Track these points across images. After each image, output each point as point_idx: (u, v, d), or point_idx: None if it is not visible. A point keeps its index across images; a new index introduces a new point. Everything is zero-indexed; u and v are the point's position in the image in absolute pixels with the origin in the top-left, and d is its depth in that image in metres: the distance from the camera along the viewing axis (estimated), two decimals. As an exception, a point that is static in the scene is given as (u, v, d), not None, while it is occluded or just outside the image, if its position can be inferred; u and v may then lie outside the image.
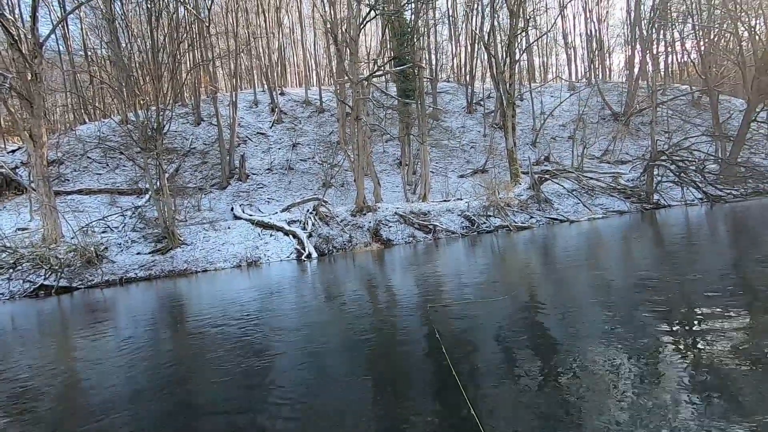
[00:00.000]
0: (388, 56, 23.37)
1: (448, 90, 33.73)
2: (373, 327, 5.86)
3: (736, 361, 3.45)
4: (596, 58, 35.89)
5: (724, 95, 28.85)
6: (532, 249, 12.20)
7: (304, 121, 29.00)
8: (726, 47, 26.33)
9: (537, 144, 27.74)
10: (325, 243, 15.72)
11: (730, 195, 17.53)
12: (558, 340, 4.48)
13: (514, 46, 22.14)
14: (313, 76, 39.53)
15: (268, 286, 10.45)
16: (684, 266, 7.48)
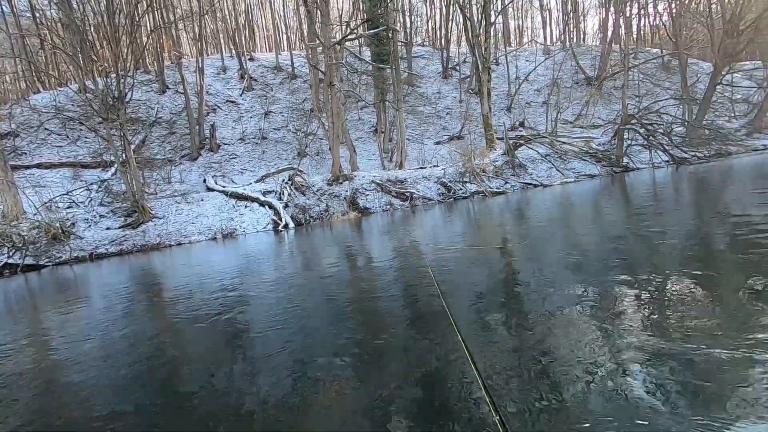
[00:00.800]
0: (361, 19, 22.57)
1: (423, 54, 33.04)
2: (356, 294, 5.93)
3: (695, 312, 3.68)
4: (571, 20, 35.66)
5: (693, 59, 29.36)
6: (507, 213, 12.46)
7: (276, 88, 28.03)
8: (696, 9, 26.55)
9: (512, 109, 27.79)
10: (302, 213, 15.59)
11: (695, 157, 18.18)
12: (534, 290, 4.66)
13: (489, 7, 21.68)
14: (283, 39, 37.93)
15: (247, 258, 10.38)
16: (648, 224, 7.80)
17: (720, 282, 4.37)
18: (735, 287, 4.09)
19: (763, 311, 3.41)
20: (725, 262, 5.04)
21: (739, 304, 3.66)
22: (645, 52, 32.10)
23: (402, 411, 2.80)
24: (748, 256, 4.94)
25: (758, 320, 3.28)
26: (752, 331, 3.13)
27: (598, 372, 2.86)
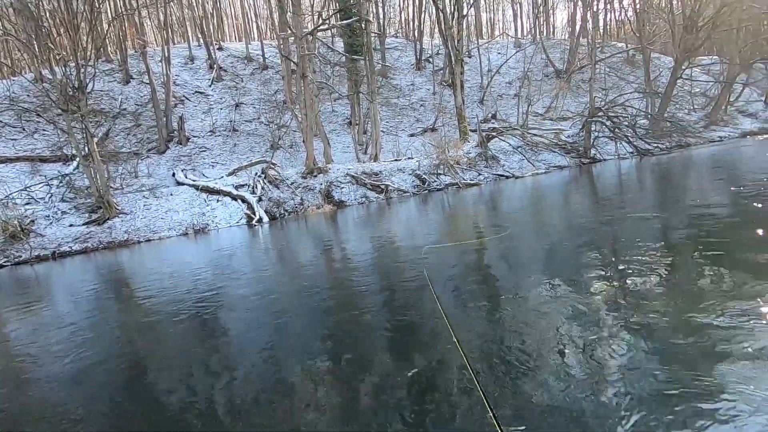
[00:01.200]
0: (334, 9, 22.24)
1: (396, 46, 32.90)
2: (331, 288, 5.94)
3: (661, 294, 3.88)
4: (541, 14, 36.26)
5: (656, 53, 30.41)
6: (482, 205, 12.68)
7: (247, 79, 27.35)
8: (659, 5, 27.49)
9: (484, 101, 28.12)
10: (276, 206, 15.39)
11: (657, 148, 18.95)
12: (512, 274, 4.80)
13: (461, 0, 21.78)
14: (253, 29, 36.95)
15: (220, 253, 10.18)
16: (613, 211, 8.12)
17: (679, 264, 4.63)
18: (692, 270, 4.34)
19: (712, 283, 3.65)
20: (685, 247, 5.32)
21: (691, 281, 3.89)
22: (611, 47, 33.06)
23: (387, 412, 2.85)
24: (707, 242, 5.24)
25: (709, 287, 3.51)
26: (706, 297, 3.34)
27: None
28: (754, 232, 5.45)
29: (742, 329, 3.02)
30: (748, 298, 3.49)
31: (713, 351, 2.83)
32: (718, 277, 4.08)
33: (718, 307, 3.39)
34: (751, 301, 3.41)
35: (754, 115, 25.45)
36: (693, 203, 8.00)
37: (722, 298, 3.57)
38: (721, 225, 6.03)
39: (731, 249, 4.90)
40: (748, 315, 3.20)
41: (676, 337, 3.07)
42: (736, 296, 3.55)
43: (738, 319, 3.16)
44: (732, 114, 25.11)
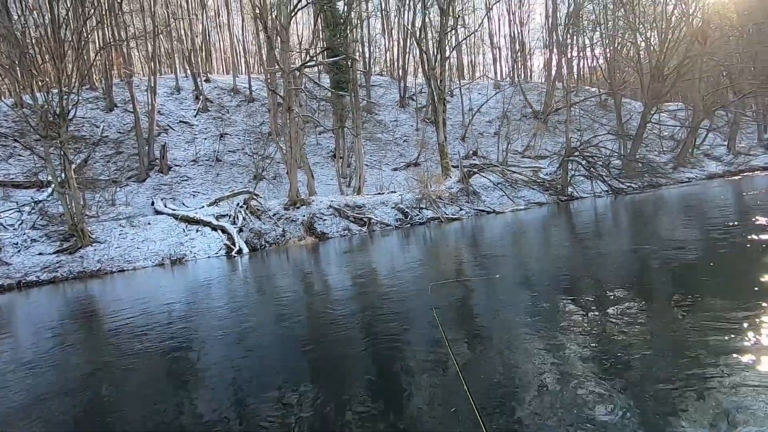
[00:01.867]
0: (321, 47, 22.98)
1: (381, 84, 33.97)
2: (311, 323, 5.81)
3: (636, 333, 3.93)
4: (519, 59, 38.20)
5: (626, 98, 32.17)
6: (462, 239, 12.79)
7: (233, 111, 27.61)
8: (627, 55, 29.33)
9: (466, 139, 28.98)
10: (257, 238, 15.19)
11: (630, 187, 19.69)
12: (492, 310, 4.78)
13: (444, 43, 22.86)
14: (241, 63, 37.68)
15: (197, 285, 9.90)
16: (591, 249, 8.31)
17: (653, 296, 4.72)
18: (665, 300, 4.43)
19: (687, 317, 3.71)
20: (657, 281, 5.45)
21: (666, 312, 3.96)
22: (585, 91, 34.86)
23: None
24: (676, 277, 5.38)
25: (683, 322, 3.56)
26: (678, 329, 3.39)
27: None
28: (728, 270, 5.64)
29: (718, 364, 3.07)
30: (721, 332, 3.56)
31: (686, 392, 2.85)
32: (696, 316, 4.17)
33: (694, 341, 3.45)
34: (724, 336, 3.48)
35: (719, 158, 26.87)
36: (669, 240, 8.26)
37: (698, 333, 3.64)
38: (697, 262, 6.23)
39: (707, 284, 5.04)
40: (723, 346, 3.26)
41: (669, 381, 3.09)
42: (709, 328, 3.63)
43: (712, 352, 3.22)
44: (698, 157, 26.45)
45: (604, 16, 29.39)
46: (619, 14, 27.21)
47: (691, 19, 24.65)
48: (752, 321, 3.71)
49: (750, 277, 5.10)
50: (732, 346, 3.33)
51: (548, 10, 33.49)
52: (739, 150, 27.81)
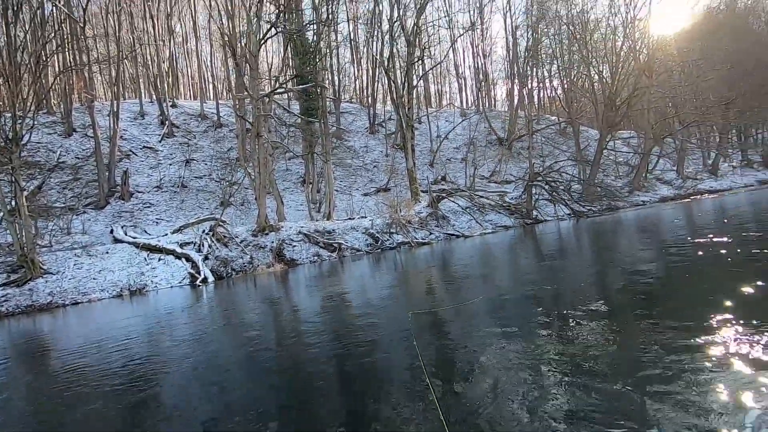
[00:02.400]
0: (291, 74, 23.21)
1: (351, 111, 34.48)
2: (279, 356, 5.62)
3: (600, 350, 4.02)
4: (483, 88, 39.85)
5: (584, 126, 34.02)
6: (434, 263, 12.88)
7: (200, 136, 27.19)
8: (582, 86, 31.23)
9: (434, 164, 29.61)
10: (223, 266, 14.74)
11: (591, 211, 20.58)
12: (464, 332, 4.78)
13: (411, 72, 23.63)
14: (209, 88, 37.43)
15: (156, 316, 9.42)
16: (558, 271, 8.54)
17: (615, 314, 4.87)
18: (626, 318, 4.58)
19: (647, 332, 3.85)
20: (620, 299, 5.65)
21: (626, 328, 4.09)
22: (545, 119, 36.62)
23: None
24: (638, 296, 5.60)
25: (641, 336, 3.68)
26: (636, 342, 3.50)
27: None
28: (687, 285, 5.92)
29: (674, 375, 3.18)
30: (679, 346, 3.71)
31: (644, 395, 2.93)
32: (653, 326, 4.33)
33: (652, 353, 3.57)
34: (682, 348, 3.63)
35: (670, 182, 28.61)
36: (629, 259, 8.62)
37: (657, 345, 3.77)
38: (657, 278, 6.51)
39: (666, 301, 5.26)
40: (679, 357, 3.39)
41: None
42: (667, 342, 3.77)
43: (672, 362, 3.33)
44: (651, 181, 28.07)
45: (560, 50, 31.33)
46: (574, 49, 29.10)
47: (638, 54, 26.67)
48: (704, 331, 3.89)
49: (700, 291, 5.37)
50: (687, 357, 3.46)
51: (509, 44, 35.39)
52: (687, 175, 29.76)
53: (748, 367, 3.25)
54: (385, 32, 27.31)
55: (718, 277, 6.27)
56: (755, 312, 4.31)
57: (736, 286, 5.25)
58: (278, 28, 18.05)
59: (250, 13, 17.74)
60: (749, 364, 3.30)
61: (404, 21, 24.66)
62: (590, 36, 27.41)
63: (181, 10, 33.80)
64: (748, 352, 3.49)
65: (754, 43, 30.55)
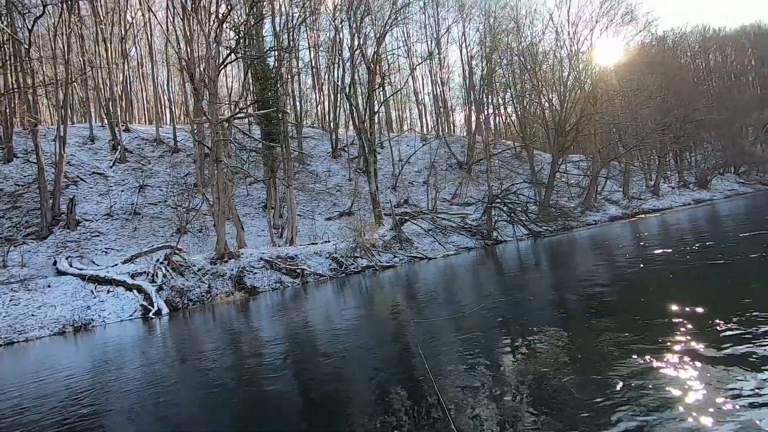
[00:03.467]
0: (251, 99, 23.05)
1: (313, 135, 34.53)
2: (237, 395, 5.33)
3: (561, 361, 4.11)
4: (442, 114, 41.21)
5: (537, 150, 35.75)
6: (397, 287, 12.85)
7: (155, 161, 26.21)
8: (535, 113, 33.00)
9: (397, 188, 29.99)
10: (179, 296, 14.02)
11: (547, 230, 21.41)
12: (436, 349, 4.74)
13: (373, 98, 24.12)
14: (165, 113, 36.43)
15: (101, 354, 8.75)
16: (518, 288, 8.75)
17: (572, 324, 5.03)
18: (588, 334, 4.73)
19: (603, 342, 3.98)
20: (576, 311, 5.84)
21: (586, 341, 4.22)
22: (502, 144, 38.22)
23: None
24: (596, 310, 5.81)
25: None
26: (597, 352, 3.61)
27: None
28: (638, 297, 6.21)
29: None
30: (634, 353, 3.86)
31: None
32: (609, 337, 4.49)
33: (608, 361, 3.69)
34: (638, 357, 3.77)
35: (617, 202, 30.39)
36: (585, 274, 8.97)
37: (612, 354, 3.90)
38: (610, 291, 6.80)
39: (619, 312, 5.50)
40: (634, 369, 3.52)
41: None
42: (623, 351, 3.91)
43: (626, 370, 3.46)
44: (601, 202, 29.70)
45: (513, 79, 33.09)
46: (525, 78, 30.85)
47: (583, 84, 28.64)
48: (651, 339, 4.08)
49: (648, 302, 5.67)
50: (637, 362, 3.61)
51: (465, 73, 37.00)
52: (632, 195, 31.76)
53: (695, 369, 3.43)
54: (346, 60, 27.86)
55: (661, 288, 6.64)
56: (693, 319, 4.59)
57: (677, 296, 5.61)
58: (238, 53, 18.03)
59: (209, 38, 17.61)
60: (695, 366, 3.49)
61: (365, 49, 25.31)
62: (539, 67, 29.21)
63: (136, 33, 33.05)
64: (693, 355, 3.70)
65: (681, 77, 33.70)
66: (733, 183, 38.05)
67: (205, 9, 18.26)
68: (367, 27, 26.36)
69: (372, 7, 25.56)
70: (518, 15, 31.82)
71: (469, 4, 35.86)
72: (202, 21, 17.89)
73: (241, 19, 19.41)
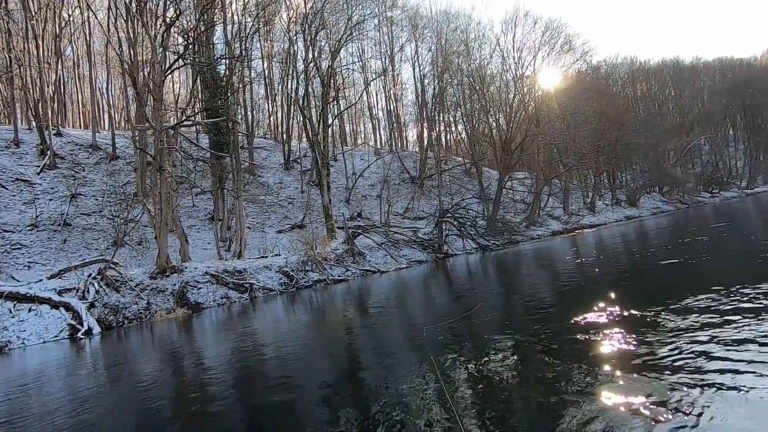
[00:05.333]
0: (199, 107, 22.24)
1: (265, 146, 33.82)
2: (174, 424, 5.00)
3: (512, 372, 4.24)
4: (395, 129, 41.98)
5: (486, 167, 37.26)
6: (349, 301, 12.74)
7: (90, 169, 24.41)
8: (483, 132, 34.46)
9: (350, 201, 29.96)
10: (114, 314, 13.02)
11: (495, 244, 22.23)
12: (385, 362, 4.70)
13: (327, 111, 24.10)
14: (104, 117, 34.24)
15: (14, 382, 7.87)
16: (467, 301, 8.97)
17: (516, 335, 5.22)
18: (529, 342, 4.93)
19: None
20: (521, 321, 6.08)
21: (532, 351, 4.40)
22: (452, 160, 39.47)
23: None
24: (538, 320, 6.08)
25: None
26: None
27: None
28: (573, 307, 6.57)
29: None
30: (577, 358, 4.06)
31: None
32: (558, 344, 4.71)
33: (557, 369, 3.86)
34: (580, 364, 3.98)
35: (558, 218, 32.25)
36: (530, 285, 9.38)
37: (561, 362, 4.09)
38: (550, 301, 7.14)
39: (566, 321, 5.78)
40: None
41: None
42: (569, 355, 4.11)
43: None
44: (543, 217, 31.37)
45: (463, 98, 34.48)
46: (474, 98, 32.25)
47: (527, 106, 30.40)
48: (592, 348, 4.34)
49: (584, 311, 6.03)
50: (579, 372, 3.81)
51: (417, 90, 38.03)
52: (572, 211, 33.85)
53: (628, 373, 3.67)
54: (300, 72, 27.70)
55: (597, 297, 7.09)
56: (626, 326, 4.95)
57: (610, 306, 6.03)
58: (186, 59, 17.39)
59: (155, 42, 16.85)
60: (629, 370, 3.74)
61: (319, 63, 25.34)
62: (487, 88, 30.71)
63: (73, 32, 30.98)
64: (626, 360, 3.96)
65: (612, 103, 36.79)
66: (658, 201, 41.65)
67: (152, 12, 17.50)
68: (322, 41, 26.50)
69: (327, 21, 25.73)
70: (468, 38, 33.40)
71: (422, 24, 37.18)
72: (148, 24, 17.12)
73: (191, 24, 18.76)
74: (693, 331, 4.63)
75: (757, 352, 3.76)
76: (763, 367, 3.44)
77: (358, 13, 28.32)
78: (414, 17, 37.27)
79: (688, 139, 51.90)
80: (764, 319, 4.57)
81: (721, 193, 46.35)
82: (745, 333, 4.26)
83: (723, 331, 4.46)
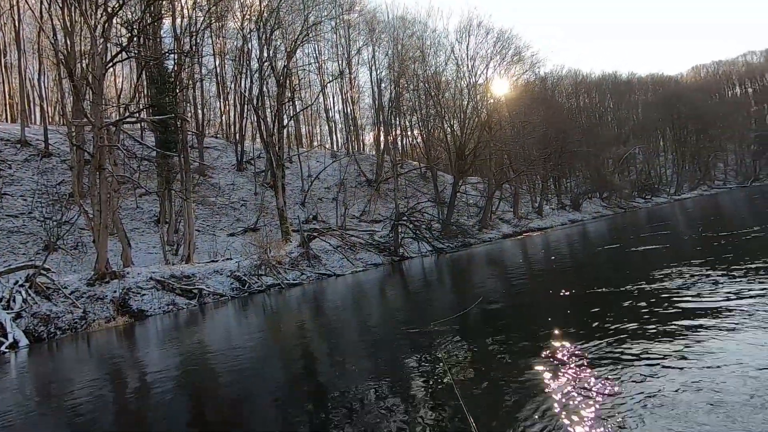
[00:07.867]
0: (144, 103, 21.06)
1: (216, 146, 32.59)
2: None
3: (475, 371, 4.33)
4: (352, 132, 41.91)
5: (441, 171, 38.06)
6: (304, 305, 12.52)
7: (18, 166, 22.39)
8: (438, 137, 35.23)
9: (306, 204, 29.52)
10: (44, 324, 11.96)
11: (449, 247, 22.74)
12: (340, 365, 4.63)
13: (282, 112, 23.65)
14: (35, 111, 31.55)
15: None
16: (422, 303, 9.10)
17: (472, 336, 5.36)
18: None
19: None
20: (476, 323, 6.25)
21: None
22: (408, 164, 39.99)
23: None
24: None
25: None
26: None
27: None
28: (527, 309, 6.84)
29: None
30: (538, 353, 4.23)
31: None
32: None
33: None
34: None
35: (509, 221, 33.54)
36: (481, 288, 9.66)
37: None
38: (503, 303, 7.39)
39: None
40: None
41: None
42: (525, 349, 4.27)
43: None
44: (495, 221, 32.50)
45: (419, 104, 35.08)
46: (430, 104, 32.90)
47: (480, 113, 31.42)
48: (546, 348, 4.54)
49: (535, 312, 6.31)
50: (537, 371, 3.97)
51: (374, 94, 38.23)
52: (521, 215, 35.32)
53: (578, 373, 3.87)
54: (255, 71, 26.99)
55: (548, 299, 7.44)
56: (576, 326, 5.22)
57: (560, 308, 6.33)
58: (130, 52, 16.41)
59: (96, 32, 15.75)
60: (578, 369, 3.93)
61: (275, 62, 24.83)
62: (442, 94, 31.44)
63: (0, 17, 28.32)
64: (576, 359, 4.17)
65: (558, 113, 38.92)
66: (598, 206, 44.38)
67: (91, 1, 16.36)
68: (278, 40, 25.95)
69: (283, 20, 25.27)
70: (424, 45, 34.05)
71: (379, 29, 37.44)
72: (87, 13, 16.01)
73: (136, 15, 17.73)
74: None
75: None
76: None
77: (315, 14, 28.11)
78: (371, 21, 37.46)
79: (625, 148, 55.91)
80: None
81: (653, 199, 50.21)
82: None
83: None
